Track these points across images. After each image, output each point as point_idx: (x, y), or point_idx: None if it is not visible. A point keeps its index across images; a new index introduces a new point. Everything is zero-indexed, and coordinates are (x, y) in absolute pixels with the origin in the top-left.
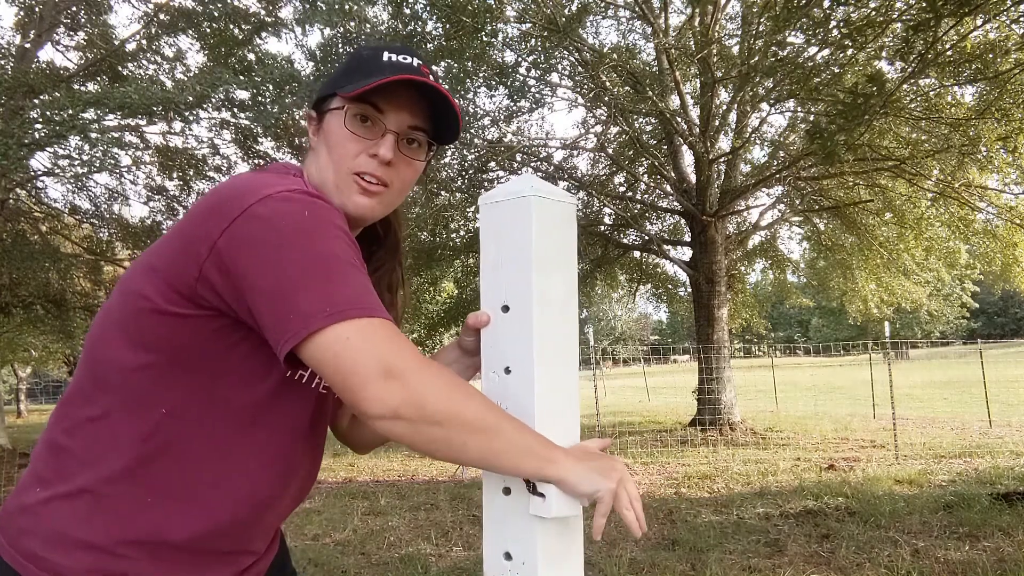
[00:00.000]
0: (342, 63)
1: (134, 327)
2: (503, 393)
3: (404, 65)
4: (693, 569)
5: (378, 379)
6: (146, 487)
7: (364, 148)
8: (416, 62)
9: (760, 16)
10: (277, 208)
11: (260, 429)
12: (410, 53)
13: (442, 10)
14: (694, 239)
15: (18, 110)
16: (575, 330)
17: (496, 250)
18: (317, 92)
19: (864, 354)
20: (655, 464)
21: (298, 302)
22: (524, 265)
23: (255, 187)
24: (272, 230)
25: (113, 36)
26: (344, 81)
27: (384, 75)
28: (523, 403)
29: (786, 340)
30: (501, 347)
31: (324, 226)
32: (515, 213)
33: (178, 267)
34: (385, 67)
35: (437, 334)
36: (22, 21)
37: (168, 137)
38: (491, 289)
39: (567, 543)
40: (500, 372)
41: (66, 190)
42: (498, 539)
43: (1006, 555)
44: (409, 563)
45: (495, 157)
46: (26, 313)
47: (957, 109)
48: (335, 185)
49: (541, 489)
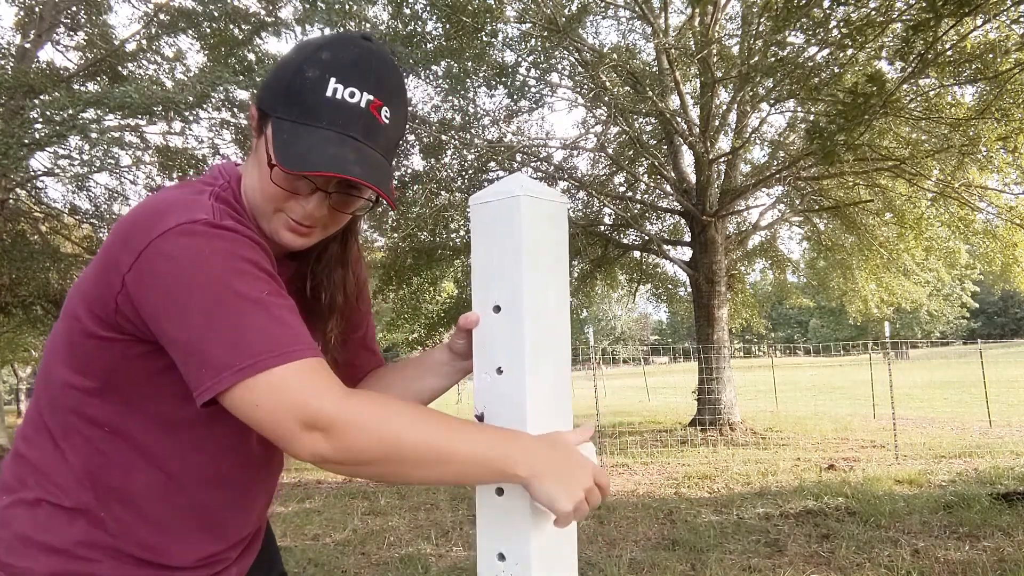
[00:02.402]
0: (284, 70)
1: (72, 348)
2: (495, 393)
3: (348, 109)
4: (693, 569)
5: (300, 432)
6: (98, 499)
7: (293, 197)
8: (365, 100)
9: (760, 16)
10: (179, 244)
11: (200, 447)
12: (362, 78)
13: (442, 10)
14: (694, 239)
15: (18, 110)
16: (567, 330)
17: (487, 250)
18: (263, 87)
19: (864, 354)
20: (655, 464)
21: (207, 355)
22: (515, 265)
23: (162, 214)
24: (174, 271)
25: (113, 36)
26: (281, 106)
27: (321, 125)
28: (515, 403)
29: (786, 340)
30: (492, 347)
31: (228, 261)
32: (505, 213)
33: (99, 293)
34: (324, 111)
35: (437, 334)
36: (22, 21)
37: (168, 137)
38: (482, 289)
39: (560, 543)
40: (492, 372)
41: (66, 190)
42: (491, 539)
43: (1006, 555)
44: (409, 563)
45: (495, 157)
46: (25, 313)
47: (957, 109)
48: (263, 214)
49: None
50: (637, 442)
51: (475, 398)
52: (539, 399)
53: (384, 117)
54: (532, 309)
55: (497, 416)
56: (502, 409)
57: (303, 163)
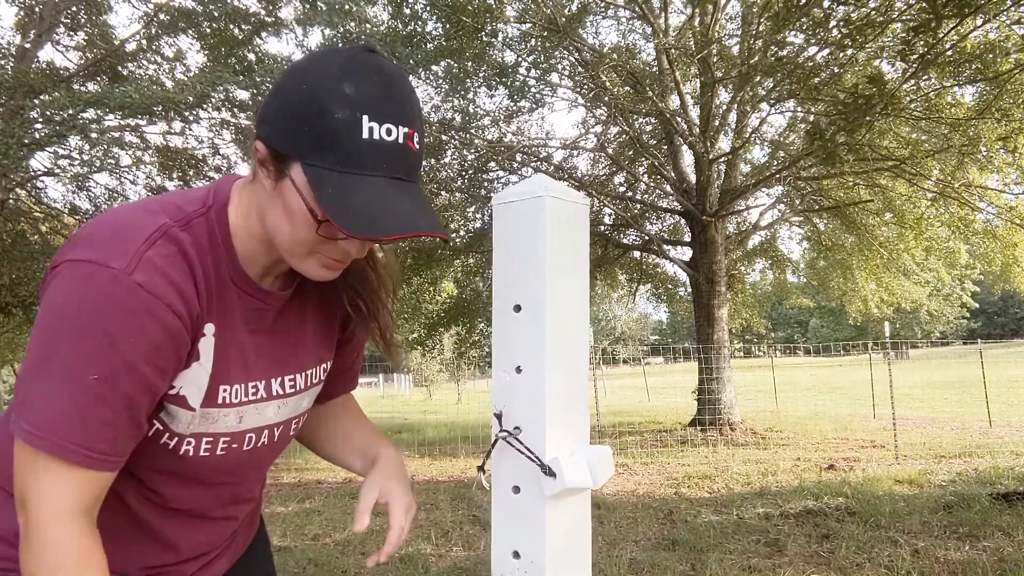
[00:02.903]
0: (303, 108)
1: None
2: (514, 393)
3: (388, 149)
4: (693, 569)
5: (19, 508)
6: None
7: (333, 240)
8: (402, 135)
9: (760, 16)
10: (69, 282)
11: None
12: (395, 112)
13: (442, 10)
14: (694, 239)
15: (18, 110)
16: (586, 331)
17: (509, 249)
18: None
19: (864, 354)
20: (655, 464)
21: (23, 396)
22: (537, 265)
23: (88, 240)
24: (48, 306)
25: (113, 36)
26: (312, 151)
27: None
28: (534, 403)
29: (786, 340)
30: (512, 346)
31: (91, 330)
32: (529, 213)
33: None
34: (365, 156)
35: (437, 334)
36: (22, 21)
37: (168, 137)
38: (503, 288)
39: (575, 541)
40: (511, 371)
41: (66, 190)
42: (506, 537)
43: (1006, 555)
44: (409, 563)
45: (495, 157)
46: (25, 314)
47: (957, 109)
48: (290, 253)
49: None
50: (637, 442)
51: (493, 397)
52: (557, 398)
53: (416, 144)
54: (553, 309)
55: (516, 415)
56: (521, 408)
57: (372, 227)
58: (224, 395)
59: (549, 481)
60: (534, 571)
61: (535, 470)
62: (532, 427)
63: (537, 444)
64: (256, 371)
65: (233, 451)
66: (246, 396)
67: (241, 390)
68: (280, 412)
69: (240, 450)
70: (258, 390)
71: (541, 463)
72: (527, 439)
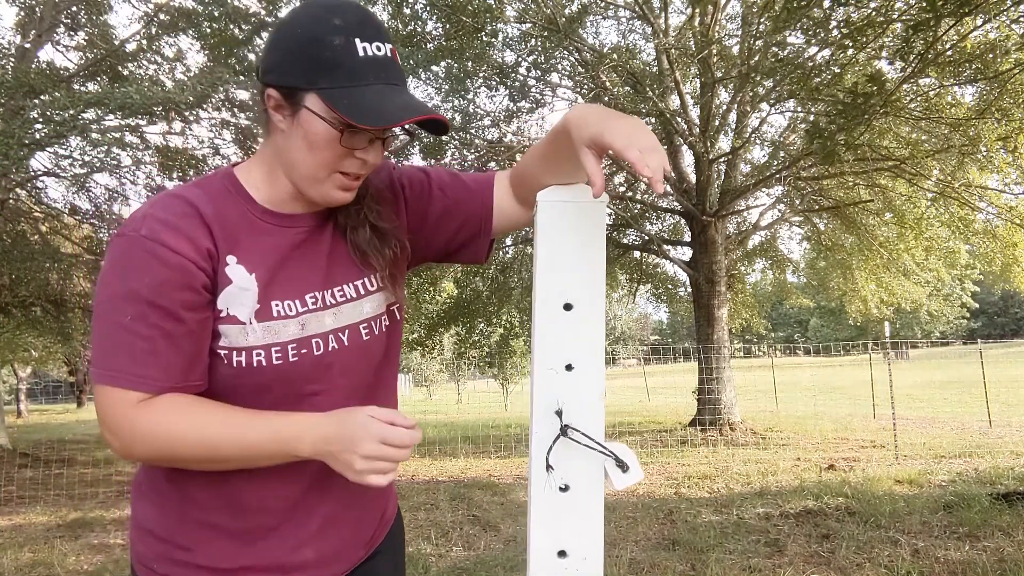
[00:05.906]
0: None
1: None
2: (564, 389)
3: (381, 63)
4: (693, 569)
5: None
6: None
7: (350, 154)
8: (387, 50)
9: (760, 16)
10: (112, 249)
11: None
12: (376, 32)
13: (442, 10)
14: (694, 239)
15: (18, 110)
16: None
17: (557, 247)
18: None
19: (864, 354)
20: (655, 464)
21: (93, 348)
22: (590, 264)
23: (134, 216)
24: (103, 269)
25: (113, 36)
26: (321, 77)
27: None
28: (590, 400)
29: (786, 340)
30: (562, 344)
31: (118, 285)
32: (582, 213)
33: None
34: (367, 71)
35: (437, 334)
36: (22, 21)
37: (168, 137)
38: (551, 287)
39: None
40: (559, 369)
41: (66, 190)
42: (550, 538)
43: (1006, 555)
44: (409, 563)
45: (495, 157)
46: (25, 314)
47: (957, 109)
48: (312, 179)
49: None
50: (637, 442)
51: (541, 395)
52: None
53: (397, 58)
54: (602, 307)
55: (573, 413)
56: (577, 406)
57: (387, 118)
58: (277, 309)
59: (619, 475)
60: (587, 569)
61: (589, 466)
62: (586, 423)
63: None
64: (304, 285)
65: (304, 356)
66: (303, 307)
67: (296, 304)
68: (338, 319)
69: (311, 355)
70: (316, 300)
71: (617, 458)
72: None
